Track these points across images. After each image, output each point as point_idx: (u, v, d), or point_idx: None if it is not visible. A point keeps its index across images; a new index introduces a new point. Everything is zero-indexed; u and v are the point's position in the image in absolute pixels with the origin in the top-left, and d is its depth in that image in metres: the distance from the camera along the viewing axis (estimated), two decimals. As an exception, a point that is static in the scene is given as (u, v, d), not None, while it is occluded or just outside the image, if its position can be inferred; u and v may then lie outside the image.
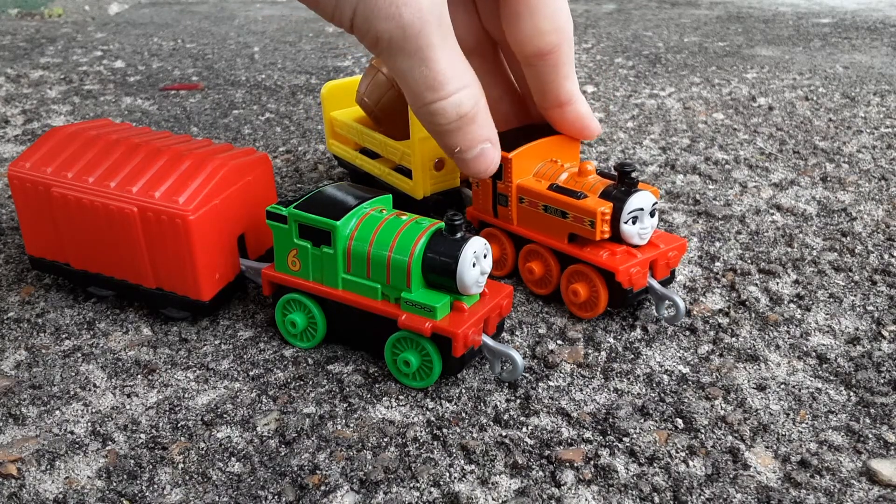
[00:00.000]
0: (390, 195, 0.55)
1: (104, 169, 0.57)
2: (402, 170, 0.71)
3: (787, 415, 0.48)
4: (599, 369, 0.53)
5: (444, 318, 0.49)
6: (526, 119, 0.62)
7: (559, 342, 0.55)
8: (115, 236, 0.56)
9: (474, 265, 0.49)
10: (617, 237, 0.56)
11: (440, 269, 0.49)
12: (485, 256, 0.50)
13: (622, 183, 0.55)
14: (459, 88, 0.49)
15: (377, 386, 0.51)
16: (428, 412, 0.49)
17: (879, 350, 0.55)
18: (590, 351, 0.55)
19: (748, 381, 0.51)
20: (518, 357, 0.49)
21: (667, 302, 0.56)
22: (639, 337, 0.56)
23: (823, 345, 0.55)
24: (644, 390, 0.51)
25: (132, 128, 0.64)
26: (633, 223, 0.55)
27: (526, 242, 0.60)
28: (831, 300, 0.61)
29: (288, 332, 0.55)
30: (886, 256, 0.67)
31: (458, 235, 0.49)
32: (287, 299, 0.54)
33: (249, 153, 0.60)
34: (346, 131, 0.75)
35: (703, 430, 0.47)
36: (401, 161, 0.69)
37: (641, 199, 0.55)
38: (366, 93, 0.71)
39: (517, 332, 0.56)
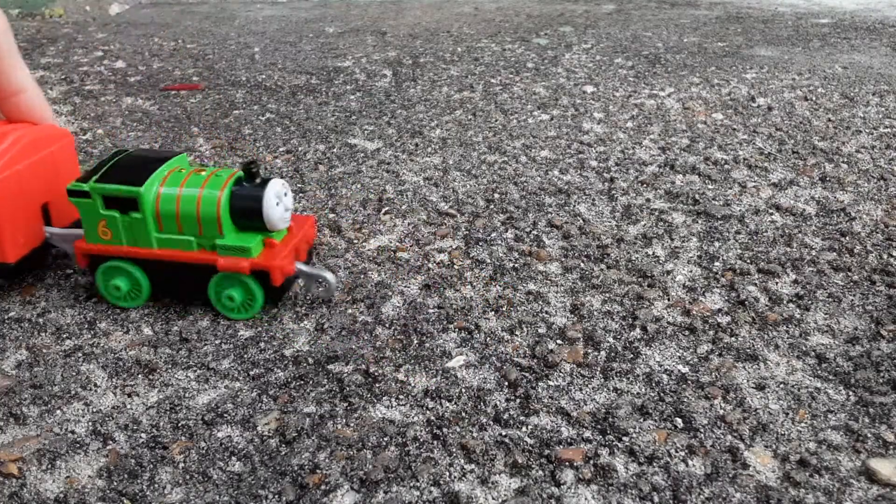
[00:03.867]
0: (185, 154, 0.58)
1: None
2: None
3: (787, 414, 0.48)
4: (599, 369, 0.53)
5: (259, 254, 0.55)
6: None
7: (559, 342, 0.55)
8: None
9: (278, 204, 0.55)
10: None
11: (248, 213, 0.54)
12: (286, 195, 0.56)
13: None
14: None
15: (377, 385, 0.51)
16: (428, 412, 0.49)
17: (878, 349, 0.55)
18: (589, 350, 0.55)
19: (747, 381, 0.51)
20: (330, 275, 0.56)
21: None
22: (638, 336, 0.56)
23: (822, 344, 0.55)
24: (643, 390, 0.51)
25: None
26: None
27: None
28: (830, 300, 0.61)
29: (113, 295, 0.58)
30: (885, 256, 0.67)
31: (258, 181, 0.55)
32: (106, 267, 0.57)
33: (51, 128, 0.63)
34: None
35: (702, 430, 0.47)
36: None
37: None
38: None
39: (517, 332, 0.57)
